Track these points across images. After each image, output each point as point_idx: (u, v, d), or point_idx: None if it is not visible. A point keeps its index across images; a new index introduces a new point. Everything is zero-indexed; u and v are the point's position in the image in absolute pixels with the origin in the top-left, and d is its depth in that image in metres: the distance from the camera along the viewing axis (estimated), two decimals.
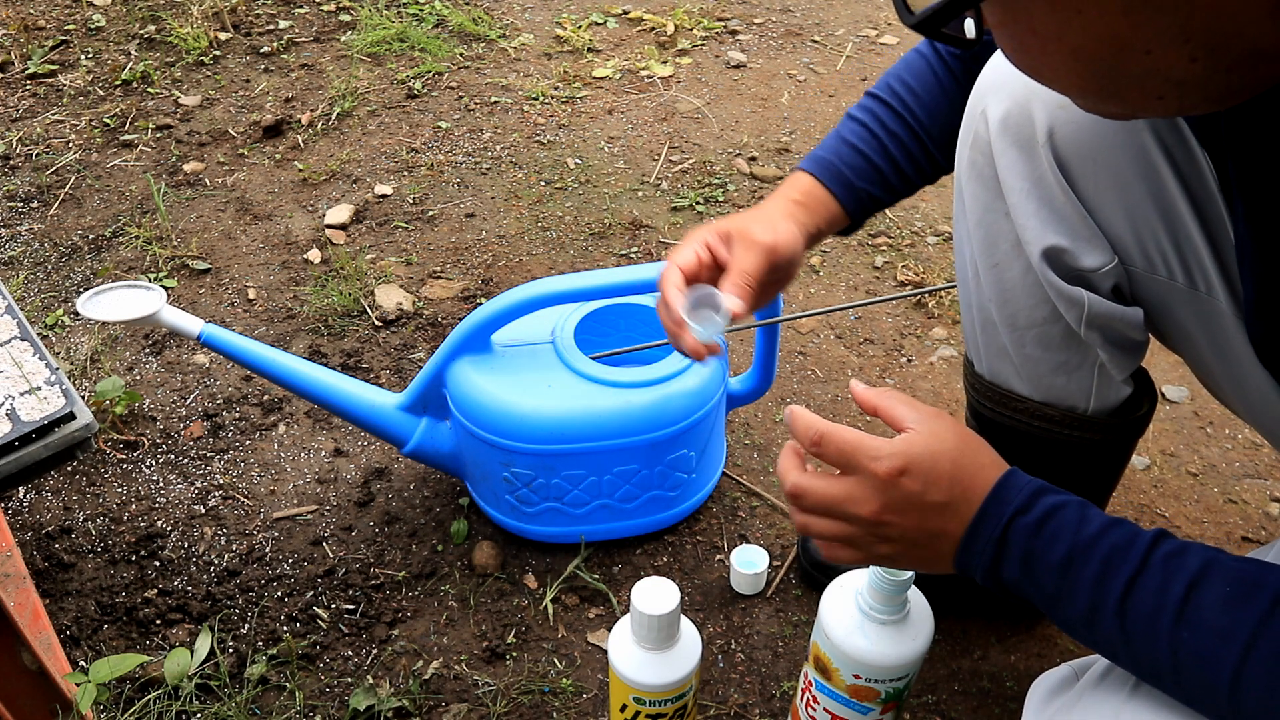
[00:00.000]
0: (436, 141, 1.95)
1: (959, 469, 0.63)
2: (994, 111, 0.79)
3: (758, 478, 1.27)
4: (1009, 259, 0.82)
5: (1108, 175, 0.77)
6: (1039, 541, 0.60)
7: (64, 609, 1.10)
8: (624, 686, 0.83)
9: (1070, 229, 0.78)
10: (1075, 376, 0.86)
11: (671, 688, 0.83)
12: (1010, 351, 0.88)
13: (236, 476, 1.27)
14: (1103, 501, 1.01)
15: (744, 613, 1.11)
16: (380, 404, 1.12)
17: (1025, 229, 0.80)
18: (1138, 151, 0.75)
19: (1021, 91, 0.78)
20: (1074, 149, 0.77)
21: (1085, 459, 0.92)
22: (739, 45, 2.30)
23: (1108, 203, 0.78)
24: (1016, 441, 0.93)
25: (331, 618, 1.10)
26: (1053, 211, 0.78)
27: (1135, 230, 0.78)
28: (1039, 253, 0.79)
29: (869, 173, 0.89)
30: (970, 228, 0.85)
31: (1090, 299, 0.80)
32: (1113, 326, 0.81)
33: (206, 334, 1.04)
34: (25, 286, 1.60)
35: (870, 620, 0.79)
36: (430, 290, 1.58)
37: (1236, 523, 1.22)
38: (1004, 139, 0.79)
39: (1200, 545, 0.57)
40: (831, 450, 0.65)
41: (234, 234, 1.71)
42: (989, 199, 0.82)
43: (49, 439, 0.79)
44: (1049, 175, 0.78)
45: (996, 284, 0.85)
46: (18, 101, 2.08)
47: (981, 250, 0.85)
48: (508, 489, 1.11)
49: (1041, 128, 0.77)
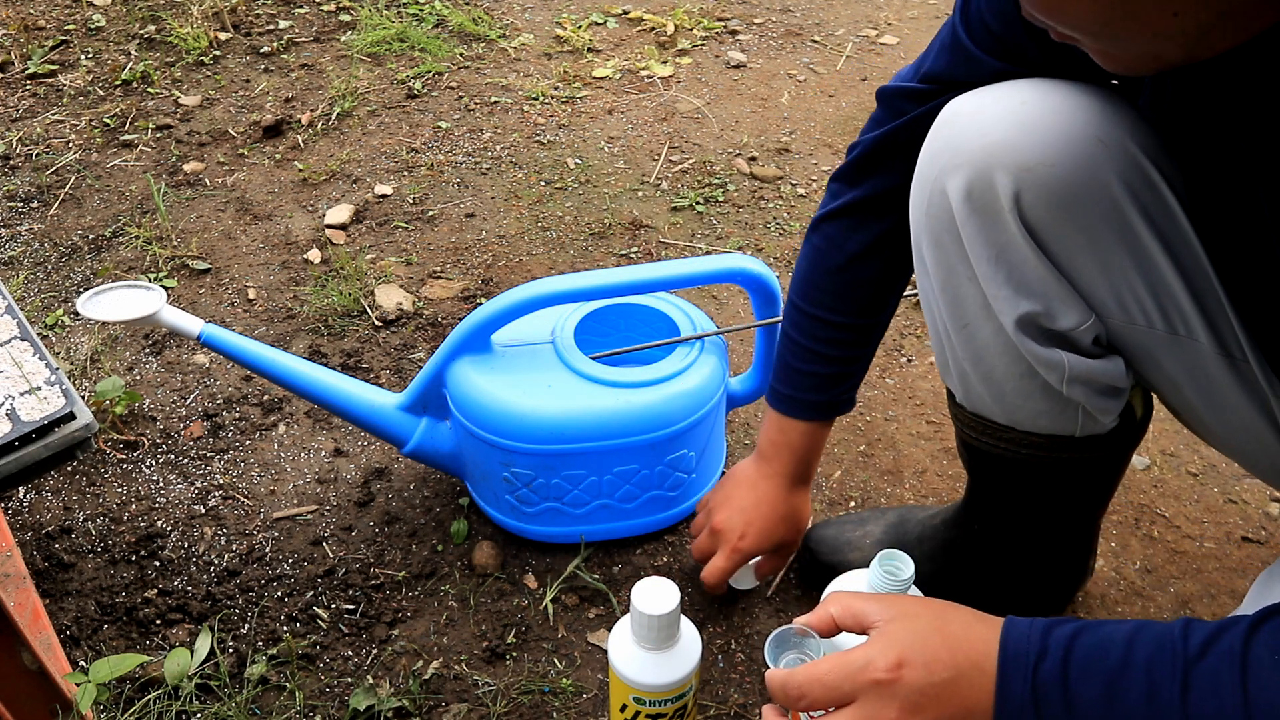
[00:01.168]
0: (436, 141, 1.95)
1: (950, 637, 0.61)
2: (954, 184, 0.76)
3: None
4: (979, 320, 0.81)
5: (1078, 231, 0.75)
6: (1073, 683, 0.57)
7: (64, 609, 1.10)
8: (624, 687, 0.83)
9: (1044, 292, 0.77)
10: (1061, 417, 0.85)
11: (671, 688, 0.83)
12: (989, 400, 0.87)
13: (236, 476, 1.27)
14: (1102, 506, 1.01)
15: (744, 613, 1.11)
16: (380, 404, 1.12)
17: (996, 299, 0.78)
18: (1108, 203, 0.73)
19: (981, 159, 0.75)
20: (1042, 210, 0.74)
21: (1081, 475, 0.92)
22: (739, 45, 2.30)
23: (1080, 259, 0.76)
24: (1009, 468, 0.92)
25: (331, 618, 1.10)
26: (1024, 277, 0.76)
27: (1111, 283, 0.76)
28: (1012, 322, 0.78)
29: (842, 386, 1.00)
30: (936, 292, 0.84)
31: (1069, 360, 0.78)
32: (1095, 380, 0.80)
33: (206, 334, 1.04)
34: (25, 286, 1.60)
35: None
36: (430, 290, 1.58)
37: (1236, 523, 1.22)
38: (967, 209, 0.76)
39: (1229, 621, 0.55)
40: (818, 690, 0.61)
41: (234, 234, 1.71)
42: (952, 264, 0.80)
43: (49, 439, 0.79)
44: (1018, 240, 0.75)
45: (968, 344, 0.84)
46: (18, 101, 2.08)
47: (949, 314, 0.83)
48: (508, 489, 1.11)
49: (1006, 194, 0.74)
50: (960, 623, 0.62)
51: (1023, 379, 0.83)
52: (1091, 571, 1.08)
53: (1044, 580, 1.06)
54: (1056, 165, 0.73)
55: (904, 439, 1.33)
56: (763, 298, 1.12)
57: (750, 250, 1.67)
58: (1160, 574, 1.16)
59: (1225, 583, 1.15)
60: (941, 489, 1.26)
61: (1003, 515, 1.00)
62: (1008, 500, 0.98)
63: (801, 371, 0.98)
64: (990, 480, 0.98)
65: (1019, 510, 0.98)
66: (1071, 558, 1.05)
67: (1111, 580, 1.15)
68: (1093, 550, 1.06)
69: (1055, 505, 0.97)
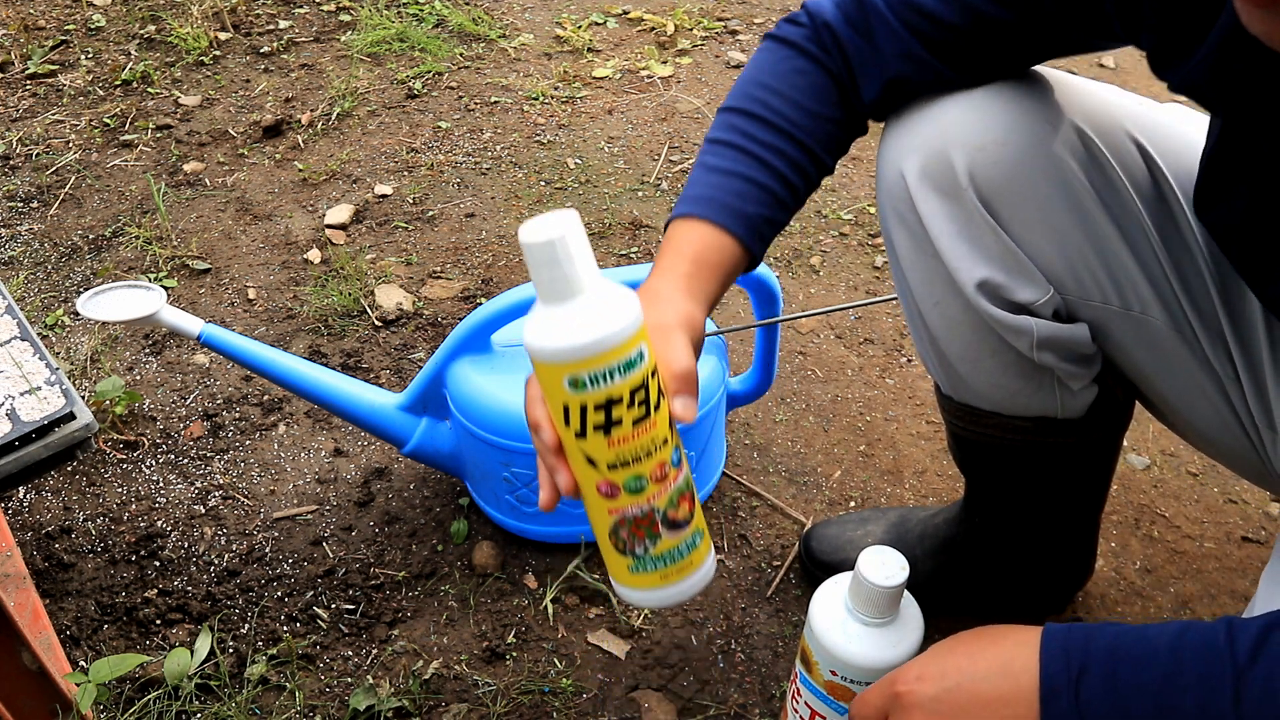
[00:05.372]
0: (436, 141, 1.95)
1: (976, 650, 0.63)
2: (911, 165, 0.79)
3: (758, 478, 1.27)
4: (948, 296, 0.83)
5: (1033, 209, 0.77)
6: (1122, 699, 0.56)
7: (64, 609, 1.10)
8: (550, 369, 0.61)
9: (1002, 264, 0.79)
10: (1039, 393, 0.86)
11: (606, 348, 0.59)
12: (969, 380, 0.88)
13: (236, 476, 1.27)
14: (1100, 501, 1.01)
15: (744, 613, 1.11)
16: (380, 404, 1.12)
17: (958, 270, 0.80)
18: (1059, 180, 0.76)
19: (936, 142, 0.77)
20: (996, 187, 0.77)
21: (1071, 461, 0.92)
22: (739, 45, 2.30)
23: (1036, 235, 0.78)
24: (1000, 456, 0.93)
25: (331, 618, 1.10)
26: (983, 249, 0.79)
27: (1067, 259, 0.78)
28: (973, 287, 0.79)
29: (757, 196, 0.76)
30: (905, 272, 0.85)
31: (1036, 324, 0.80)
32: (1063, 345, 0.81)
33: (206, 334, 1.04)
34: (25, 286, 1.60)
35: (853, 619, 0.79)
36: (430, 290, 1.58)
37: (1236, 523, 1.22)
38: (924, 188, 0.79)
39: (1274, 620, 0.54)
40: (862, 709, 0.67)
41: (234, 234, 1.71)
42: (917, 242, 0.82)
43: (49, 439, 0.79)
44: (976, 215, 0.78)
45: (942, 320, 0.85)
46: (18, 101, 2.08)
47: (921, 292, 0.85)
48: (508, 489, 1.11)
49: (962, 171, 0.77)
50: (992, 634, 0.63)
51: (996, 355, 0.84)
52: (1092, 571, 1.08)
53: (1044, 579, 1.06)
54: (1008, 144, 0.76)
55: (904, 439, 1.33)
56: (762, 298, 1.12)
57: None
58: (1160, 574, 1.16)
59: (1225, 583, 1.15)
60: (941, 489, 1.26)
61: (1000, 510, 1.00)
62: (1003, 493, 0.99)
63: (726, 172, 0.77)
64: (984, 474, 0.99)
65: (1015, 503, 0.99)
66: (1071, 556, 1.05)
67: (1111, 580, 1.15)
68: (1093, 550, 1.06)
69: (1050, 495, 0.97)
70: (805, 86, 0.78)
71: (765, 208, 0.77)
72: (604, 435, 0.62)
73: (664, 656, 1.07)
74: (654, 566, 0.67)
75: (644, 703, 1.02)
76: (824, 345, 1.49)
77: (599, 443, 0.62)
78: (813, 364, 1.45)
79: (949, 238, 0.79)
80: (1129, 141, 0.77)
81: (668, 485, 0.65)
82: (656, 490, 0.64)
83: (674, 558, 0.67)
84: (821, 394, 1.40)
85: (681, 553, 0.67)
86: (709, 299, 0.74)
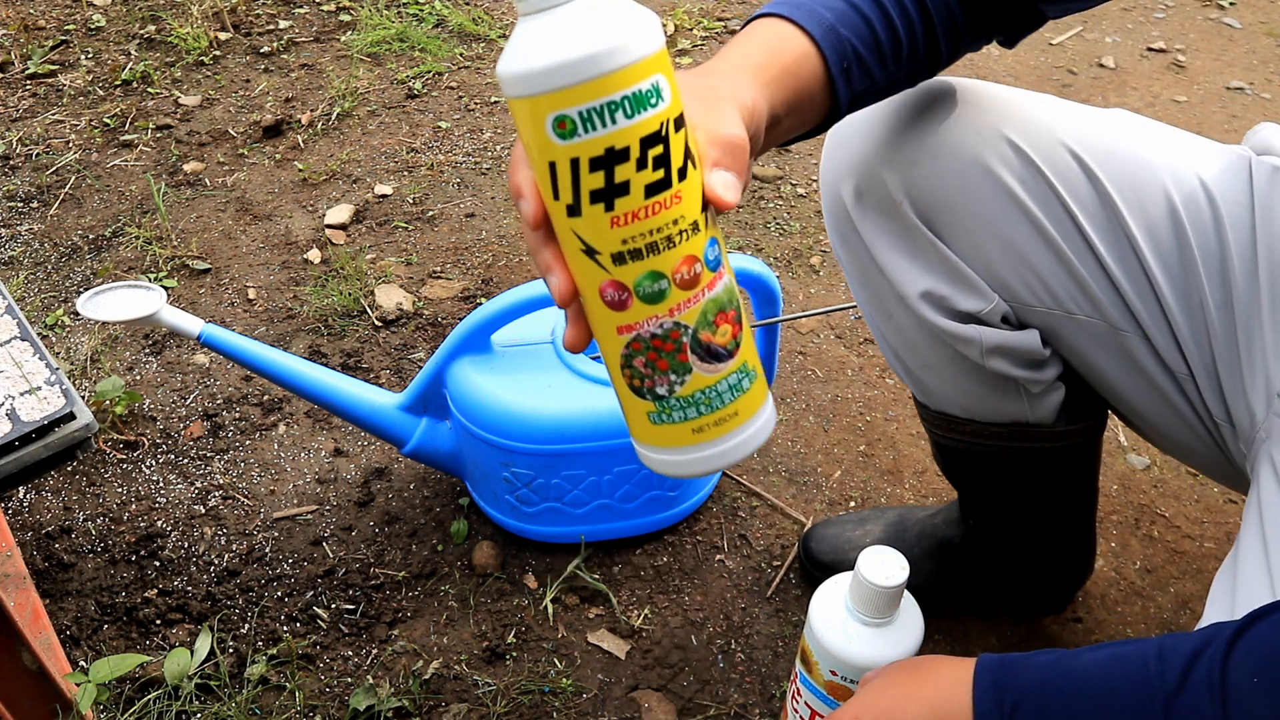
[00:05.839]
0: (436, 141, 1.95)
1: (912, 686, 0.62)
2: (847, 188, 0.81)
3: (758, 478, 1.27)
4: (899, 310, 0.85)
5: (970, 220, 0.78)
6: None
7: (64, 609, 1.10)
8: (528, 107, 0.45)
9: (945, 275, 0.80)
10: (1005, 398, 0.87)
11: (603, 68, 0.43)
12: (935, 389, 0.89)
13: (236, 476, 1.27)
14: (1092, 500, 1.01)
15: (744, 613, 1.11)
16: (380, 404, 1.12)
17: (901, 283, 0.82)
18: (995, 194, 0.77)
19: (869, 163, 0.80)
20: (933, 202, 0.79)
21: (1052, 465, 0.93)
22: None
23: (975, 246, 0.79)
24: (981, 463, 0.94)
25: (331, 618, 1.10)
26: (924, 261, 0.81)
27: (1008, 267, 0.79)
28: (917, 298, 0.81)
29: (856, 23, 0.63)
30: (857, 289, 0.88)
31: (983, 332, 0.81)
32: (1013, 352, 0.82)
33: (206, 334, 1.04)
34: (25, 286, 1.60)
35: (853, 619, 0.79)
36: (430, 290, 1.58)
37: (1237, 523, 1.22)
38: (862, 207, 0.81)
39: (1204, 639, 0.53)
40: None
41: (234, 234, 1.71)
42: (862, 261, 0.84)
43: (49, 439, 0.79)
44: (916, 228, 0.80)
45: (897, 333, 0.87)
46: (17, 101, 2.08)
47: (873, 307, 0.87)
48: (508, 489, 1.11)
49: (897, 188, 0.79)
50: (925, 670, 0.63)
51: (954, 362, 0.85)
52: (1091, 570, 1.08)
53: (1043, 579, 1.06)
54: (940, 158, 0.77)
55: (904, 439, 1.33)
56: (763, 298, 1.12)
57: (750, 250, 1.67)
58: (1160, 574, 1.16)
59: None
60: (941, 488, 1.26)
61: (991, 515, 1.00)
62: (991, 499, 0.99)
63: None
64: (969, 481, 0.99)
65: (1004, 508, 0.99)
66: (1069, 556, 1.05)
67: (1111, 580, 1.15)
68: (1092, 549, 1.06)
69: (1037, 499, 0.97)
70: None
71: (862, 44, 0.63)
72: (604, 208, 0.45)
73: (664, 656, 1.07)
74: (683, 415, 0.50)
75: (644, 703, 1.02)
76: (824, 345, 1.49)
77: (598, 220, 0.45)
78: (813, 364, 1.45)
79: (890, 252, 0.81)
80: (1064, 151, 0.77)
81: (700, 293, 0.47)
82: (684, 299, 0.47)
83: (711, 403, 0.50)
84: (821, 394, 1.40)
85: (721, 397, 0.50)
86: (776, 101, 0.57)
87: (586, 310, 0.49)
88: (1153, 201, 0.76)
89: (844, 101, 0.63)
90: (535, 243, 0.49)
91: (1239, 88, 2.23)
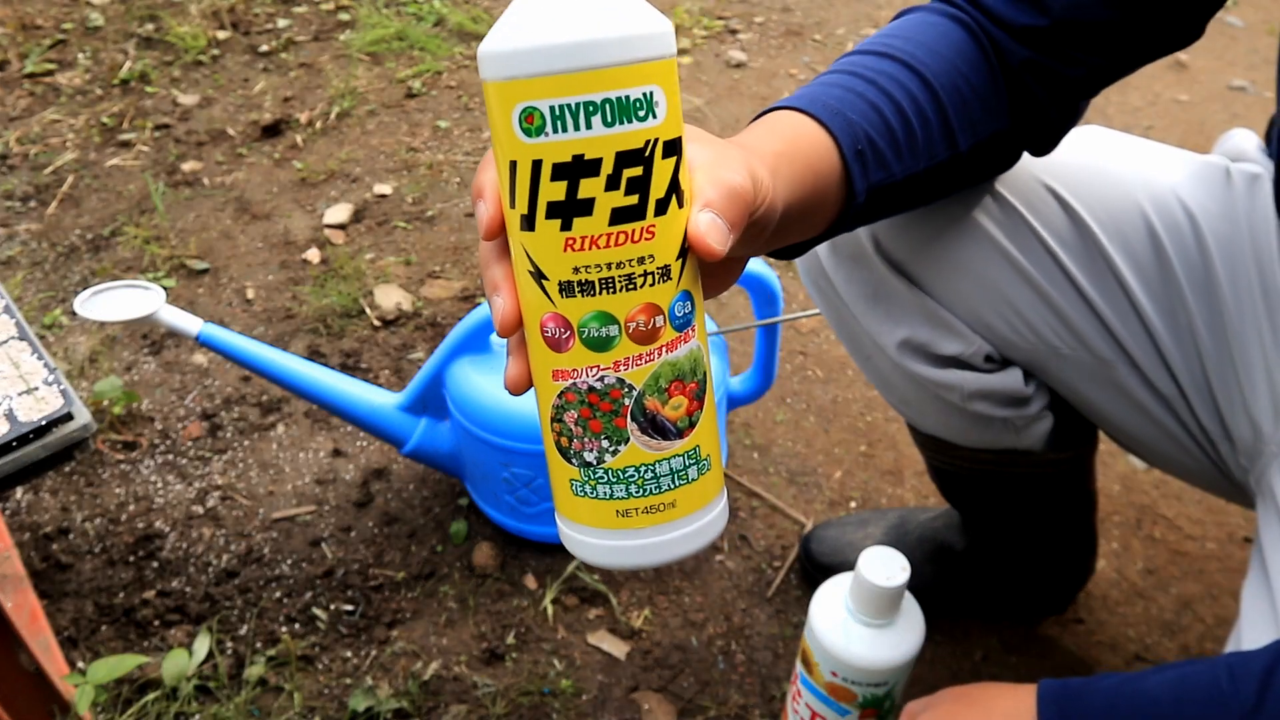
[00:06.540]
0: (436, 141, 1.95)
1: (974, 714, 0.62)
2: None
3: (758, 478, 1.27)
4: (877, 354, 0.85)
5: (945, 265, 0.78)
6: None
7: (62, 610, 1.10)
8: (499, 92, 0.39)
9: (924, 321, 0.80)
10: (991, 430, 0.86)
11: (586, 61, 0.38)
12: (921, 423, 0.90)
13: (235, 477, 1.27)
14: (1090, 507, 1.01)
15: (744, 613, 1.11)
16: (379, 404, 1.12)
17: (877, 334, 0.82)
18: (970, 237, 0.76)
19: None
20: (902, 250, 0.79)
21: (1046, 484, 0.92)
22: (739, 44, 2.30)
23: (953, 290, 0.79)
24: (975, 483, 0.94)
25: (330, 618, 1.10)
26: (900, 309, 0.80)
27: (990, 309, 0.79)
28: (894, 348, 0.81)
29: (875, 120, 0.59)
30: (836, 333, 0.89)
31: (964, 378, 0.81)
32: (994, 394, 0.82)
33: (205, 334, 1.04)
34: (23, 286, 1.60)
35: (853, 620, 0.78)
36: (430, 290, 1.58)
37: (1238, 523, 1.22)
38: (834, 258, 0.81)
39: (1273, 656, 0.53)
40: None
41: (232, 234, 1.71)
42: (837, 308, 0.85)
43: (47, 439, 0.79)
44: (888, 279, 0.79)
45: (876, 375, 0.88)
46: (15, 101, 2.07)
47: (852, 349, 0.88)
48: (507, 489, 1.11)
49: (866, 239, 0.78)
50: (982, 701, 0.63)
51: (935, 401, 0.85)
52: (1092, 571, 1.08)
53: (1044, 582, 1.06)
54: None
55: (905, 439, 1.33)
56: (763, 298, 1.11)
57: None
58: (1162, 575, 1.16)
59: (1227, 583, 1.14)
60: None
61: (989, 527, 1.01)
62: (987, 516, 0.99)
63: (845, 89, 0.61)
64: (965, 500, 0.99)
65: (1001, 523, 0.99)
66: (1070, 560, 1.05)
67: (1113, 581, 1.15)
68: (1093, 550, 1.06)
69: (1033, 514, 0.97)
70: (954, 54, 0.63)
71: (880, 138, 0.59)
72: (560, 225, 0.38)
73: (664, 657, 1.06)
74: (608, 491, 0.42)
75: (644, 704, 1.02)
76: (824, 345, 1.49)
77: (551, 239, 0.39)
78: (813, 364, 1.45)
79: (864, 302, 0.82)
80: (1040, 188, 0.76)
81: (656, 352, 0.40)
82: (634, 354, 0.40)
83: (645, 486, 0.42)
84: (822, 394, 1.40)
85: (659, 480, 0.42)
86: (792, 186, 0.53)
87: (528, 344, 0.42)
88: (1130, 225, 0.75)
89: (859, 189, 0.58)
90: (487, 256, 0.43)
91: (1241, 87, 2.23)
